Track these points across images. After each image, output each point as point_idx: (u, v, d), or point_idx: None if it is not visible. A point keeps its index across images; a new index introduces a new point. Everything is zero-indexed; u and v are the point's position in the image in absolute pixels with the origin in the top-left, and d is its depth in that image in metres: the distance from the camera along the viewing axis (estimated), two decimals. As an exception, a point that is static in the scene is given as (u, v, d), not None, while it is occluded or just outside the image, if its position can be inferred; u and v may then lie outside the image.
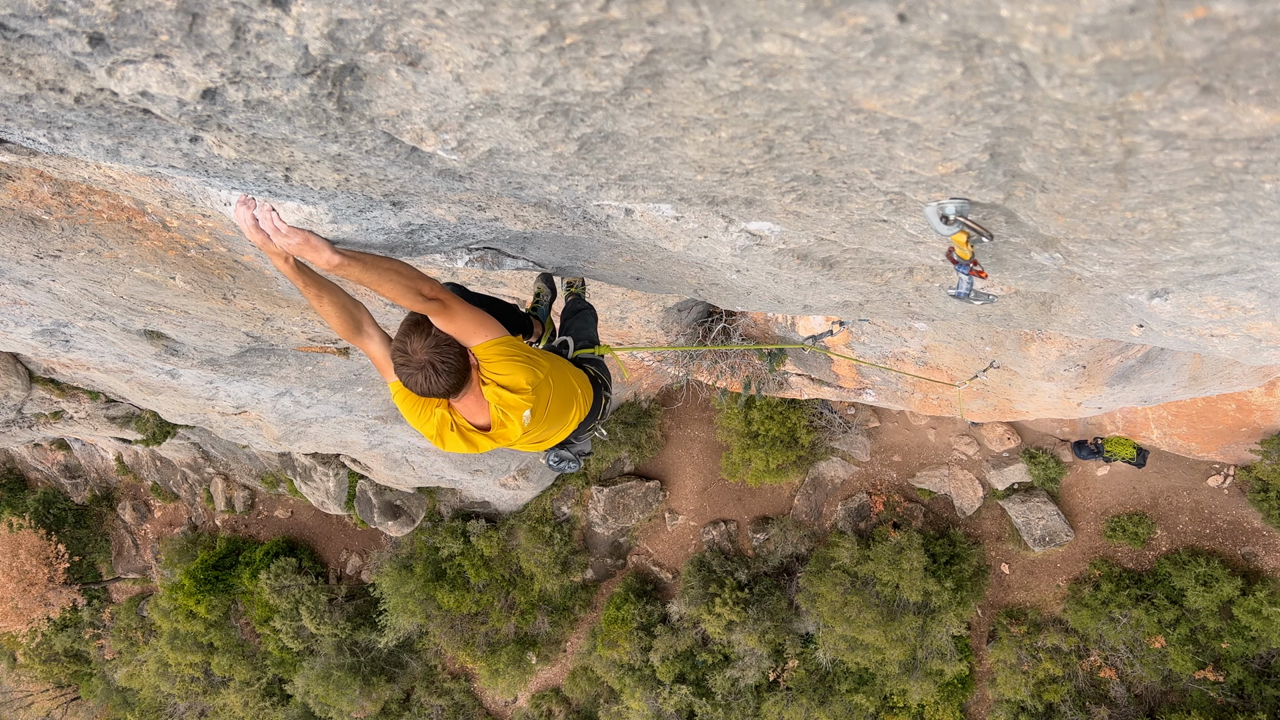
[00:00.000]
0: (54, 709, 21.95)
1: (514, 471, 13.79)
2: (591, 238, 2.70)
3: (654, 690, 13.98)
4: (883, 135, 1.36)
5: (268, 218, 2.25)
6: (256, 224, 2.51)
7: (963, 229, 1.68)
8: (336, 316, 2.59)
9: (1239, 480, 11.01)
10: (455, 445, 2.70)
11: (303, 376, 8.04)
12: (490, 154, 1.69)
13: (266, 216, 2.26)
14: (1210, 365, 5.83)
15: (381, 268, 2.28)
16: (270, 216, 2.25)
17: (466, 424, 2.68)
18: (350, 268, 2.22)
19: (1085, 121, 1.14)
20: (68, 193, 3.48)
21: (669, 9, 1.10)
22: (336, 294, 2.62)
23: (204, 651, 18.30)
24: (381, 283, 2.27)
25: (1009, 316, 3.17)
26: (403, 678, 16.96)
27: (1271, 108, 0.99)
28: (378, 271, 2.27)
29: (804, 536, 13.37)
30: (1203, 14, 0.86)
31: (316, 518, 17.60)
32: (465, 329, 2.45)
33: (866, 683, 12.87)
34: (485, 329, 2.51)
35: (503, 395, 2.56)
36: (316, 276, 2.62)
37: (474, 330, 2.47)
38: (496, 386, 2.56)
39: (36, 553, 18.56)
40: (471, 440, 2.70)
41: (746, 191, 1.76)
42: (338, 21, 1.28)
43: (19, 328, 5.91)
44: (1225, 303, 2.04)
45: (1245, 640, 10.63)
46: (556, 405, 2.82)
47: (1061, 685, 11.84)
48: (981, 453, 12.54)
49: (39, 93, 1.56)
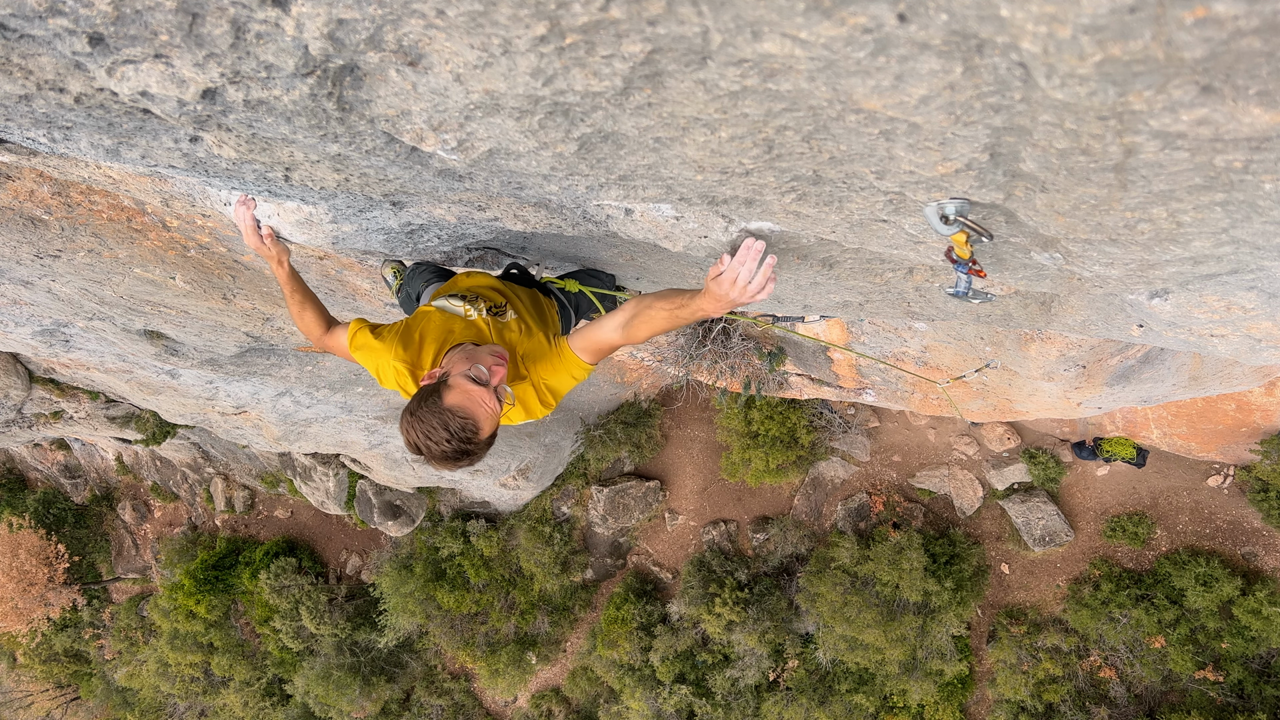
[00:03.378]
0: (54, 709, 21.95)
1: (514, 471, 13.79)
2: (591, 238, 2.70)
3: (654, 690, 13.98)
4: (883, 135, 1.36)
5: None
6: (256, 226, 2.53)
7: (963, 229, 1.68)
8: (314, 323, 2.81)
9: (1239, 480, 11.01)
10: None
11: (303, 376, 8.04)
12: (490, 154, 1.69)
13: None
14: (1210, 365, 5.83)
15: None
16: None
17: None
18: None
19: (1085, 121, 1.14)
20: (68, 192, 3.48)
21: (669, 9, 1.10)
22: (319, 307, 2.85)
23: (204, 651, 18.29)
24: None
25: (1009, 316, 3.17)
26: (403, 678, 16.96)
27: (1271, 108, 0.99)
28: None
29: (804, 536, 13.37)
30: (1203, 14, 0.86)
31: (316, 518, 17.60)
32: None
33: (866, 683, 12.87)
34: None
35: (536, 400, 2.44)
36: (304, 287, 2.84)
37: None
38: (535, 391, 2.43)
39: (36, 553, 18.56)
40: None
41: (746, 191, 1.76)
42: (338, 21, 1.28)
43: (19, 328, 5.91)
44: (1225, 303, 2.04)
45: (1245, 640, 10.63)
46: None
47: (1061, 685, 11.84)
48: (981, 453, 12.54)
49: (39, 93, 1.56)
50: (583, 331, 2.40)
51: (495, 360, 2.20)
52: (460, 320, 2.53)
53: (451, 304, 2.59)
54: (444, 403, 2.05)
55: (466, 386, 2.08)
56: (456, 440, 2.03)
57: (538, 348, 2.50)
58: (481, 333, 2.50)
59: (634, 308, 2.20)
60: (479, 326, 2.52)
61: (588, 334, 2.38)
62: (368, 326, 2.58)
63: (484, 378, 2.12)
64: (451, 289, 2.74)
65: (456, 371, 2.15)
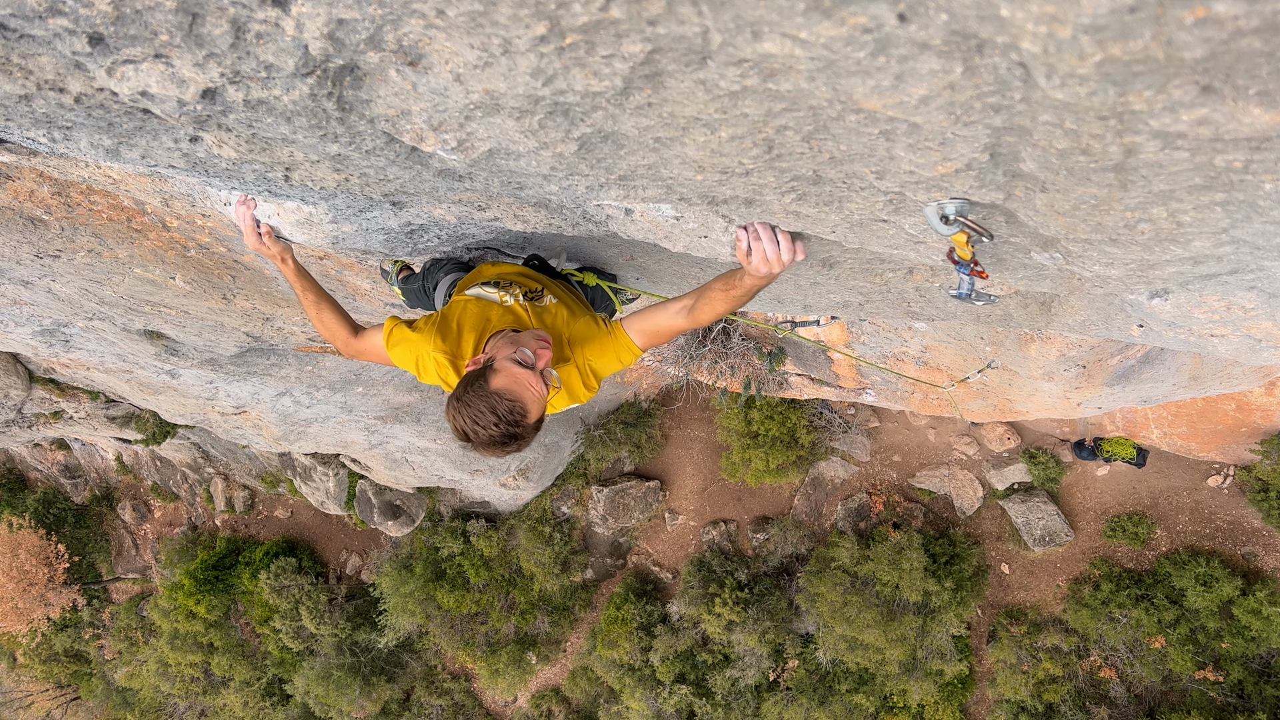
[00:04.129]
0: (54, 709, 21.95)
1: (514, 471, 13.79)
2: (591, 237, 2.70)
3: (654, 690, 13.98)
4: (883, 135, 1.36)
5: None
6: (256, 226, 2.53)
7: (963, 229, 1.68)
8: (336, 327, 2.64)
9: (1239, 480, 11.01)
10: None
11: (303, 376, 8.04)
12: (490, 154, 1.69)
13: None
14: (1210, 365, 5.83)
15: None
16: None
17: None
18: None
19: (1085, 121, 1.14)
20: (68, 192, 3.48)
21: (669, 9, 1.10)
22: (335, 305, 2.70)
23: (204, 651, 18.29)
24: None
25: (1009, 316, 3.17)
26: (403, 678, 16.96)
27: (1271, 108, 0.99)
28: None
29: (804, 536, 13.37)
30: (1203, 14, 0.86)
31: (316, 518, 17.59)
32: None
33: (866, 683, 12.87)
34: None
35: (580, 383, 2.40)
36: (316, 284, 2.67)
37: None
38: (580, 373, 2.38)
39: (36, 553, 18.56)
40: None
41: (746, 191, 1.76)
42: (338, 21, 1.28)
43: (19, 328, 5.92)
44: (1225, 303, 2.04)
45: (1245, 640, 10.63)
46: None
47: (1061, 685, 11.84)
48: (981, 453, 12.54)
49: (39, 93, 1.56)
50: (641, 314, 2.37)
51: (540, 344, 2.17)
52: (497, 307, 2.49)
53: (486, 291, 2.55)
54: (490, 386, 2.03)
55: (513, 370, 2.06)
56: (505, 424, 2.01)
57: (585, 330, 2.46)
58: (520, 318, 2.46)
59: (694, 295, 2.22)
60: (517, 312, 2.48)
61: (648, 316, 2.35)
62: (402, 322, 2.53)
63: (530, 360, 2.09)
64: (478, 278, 2.69)
65: (501, 356, 2.12)
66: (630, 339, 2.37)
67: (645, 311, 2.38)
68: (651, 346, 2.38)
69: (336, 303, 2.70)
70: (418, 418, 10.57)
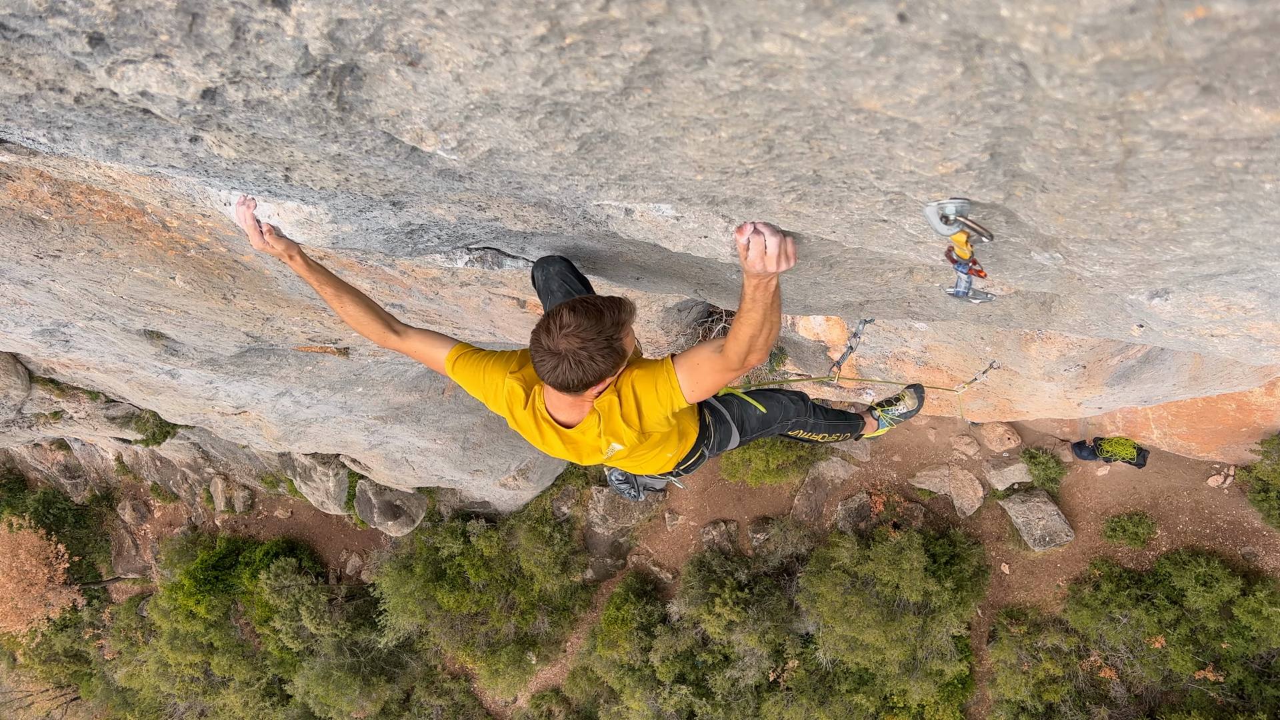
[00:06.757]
0: (54, 709, 21.95)
1: (514, 471, 13.79)
2: (591, 238, 2.70)
3: (654, 690, 13.98)
4: (883, 135, 1.36)
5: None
6: (258, 226, 2.53)
7: (963, 229, 1.68)
8: (364, 317, 2.58)
9: (1239, 480, 11.01)
10: (526, 427, 2.47)
11: (302, 376, 8.04)
12: (490, 154, 1.69)
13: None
14: (1210, 365, 5.83)
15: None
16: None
17: (545, 412, 2.40)
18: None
19: (1085, 121, 1.14)
20: (67, 192, 3.48)
21: (669, 9, 1.10)
22: (357, 294, 2.62)
23: (204, 651, 18.29)
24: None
25: (1009, 316, 3.17)
26: (403, 678, 16.96)
27: (1271, 108, 0.99)
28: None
29: (804, 536, 13.37)
30: (1203, 14, 0.86)
31: (316, 518, 17.60)
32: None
33: (866, 683, 12.87)
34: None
35: (619, 415, 2.31)
36: (332, 275, 2.62)
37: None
38: (620, 402, 2.30)
39: (36, 553, 18.56)
40: (543, 431, 2.43)
41: (746, 191, 1.76)
42: (338, 21, 1.28)
43: (19, 328, 5.92)
44: (1225, 303, 2.04)
45: (1245, 640, 10.63)
46: (653, 449, 2.55)
47: (1061, 685, 11.84)
48: (981, 453, 12.54)
49: (39, 93, 1.56)
50: (686, 352, 2.30)
51: None
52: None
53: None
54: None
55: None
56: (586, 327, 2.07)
57: (637, 357, 2.41)
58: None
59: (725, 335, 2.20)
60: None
61: (690, 353, 2.27)
62: (470, 350, 2.55)
63: None
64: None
65: None
66: (676, 378, 2.28)
67: (689, 350, 2.32)
68: (698, 395, 2.28)
69: (362, 294, 2.64)
70: (418, 418, 10.57)
